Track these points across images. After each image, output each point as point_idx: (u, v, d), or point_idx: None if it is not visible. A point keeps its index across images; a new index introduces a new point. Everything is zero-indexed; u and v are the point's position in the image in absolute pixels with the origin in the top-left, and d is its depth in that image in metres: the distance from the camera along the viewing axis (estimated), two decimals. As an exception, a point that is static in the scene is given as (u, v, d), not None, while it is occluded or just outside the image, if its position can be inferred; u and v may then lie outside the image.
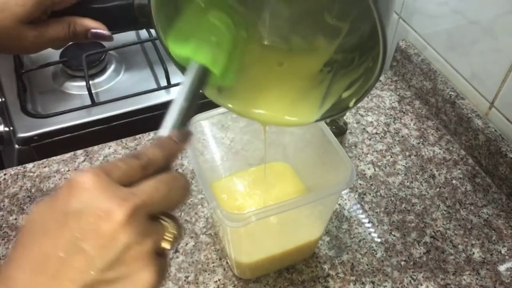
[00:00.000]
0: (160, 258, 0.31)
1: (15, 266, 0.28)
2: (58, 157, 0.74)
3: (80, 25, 0.48)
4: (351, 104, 0.43)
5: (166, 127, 0.37)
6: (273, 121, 0.49)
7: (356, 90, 0.43)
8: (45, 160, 0.73)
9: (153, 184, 0.31)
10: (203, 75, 0.41)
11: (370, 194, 0.69)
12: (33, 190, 0.69)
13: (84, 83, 0.84)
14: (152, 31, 0.92)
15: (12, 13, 0.44)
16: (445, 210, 0.67)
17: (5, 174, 0.72)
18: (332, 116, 0.46)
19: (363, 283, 0.59)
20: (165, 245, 0.31)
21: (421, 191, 0.69)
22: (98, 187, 0.29)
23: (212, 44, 0.43)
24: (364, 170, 0.72)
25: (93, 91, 0.84)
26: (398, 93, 0.85)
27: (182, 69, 0.44)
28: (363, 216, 0.66)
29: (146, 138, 0.76)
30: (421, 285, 0.59)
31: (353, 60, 0.46)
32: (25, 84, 0.87)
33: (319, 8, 0.47)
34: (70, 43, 0.51)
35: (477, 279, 0.60)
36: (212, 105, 0.51)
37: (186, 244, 0.63)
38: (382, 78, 0.88)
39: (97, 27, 0.49)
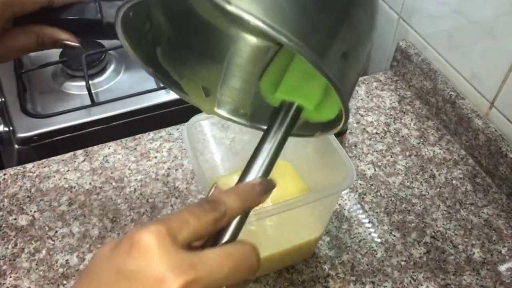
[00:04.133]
0: None
1: None
2: (58, 157, 0.74)
3: (48, 36, 0.46)
4: (316, 135, 0.43)
5: (254, 172, 0.35)
6: None
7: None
8: (45, 160, 0.73)
9: (218, 258, 0.29)
10: (297, 115, 0.40)
11: (370, 194, 0.69)
12: (32, 190, 0.69)
13: (84, 83, 0.84)
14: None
15: None
16: (445, 210, 0.67)
17: (4, 174, 0.71)
18: (302, 136, 0.46)
19: (363, 283, 0.59)
20: None
21: (421, 191, 0.69)
22: (158, 252, 0.28)
23: (307, 81, 0.41)
24: (364, 170, 0.72)
25: (93, 91, 0.84)
26: (398, 93, 0.85)
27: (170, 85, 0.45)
28: (363, 216, 0.66)
29: (146, 138, 0.76)
30: (421, 285, 0.59)
31: None
32: (25, 84, 0.87)
33: None
34: None
35: (477, 279, 0.60)
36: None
37: (186, 244, 0.62)
38: (382, 78, 0.88)
39: (66, 39, 0.47)
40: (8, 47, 0.46)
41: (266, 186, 0.34)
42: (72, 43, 0.47)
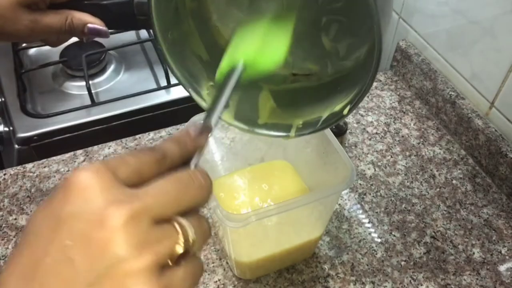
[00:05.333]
0: (170, 271, 0.26)
1: (9, 271, 0.26)
2: (58, 157, 0.74)
3: (77, 18, 0.48)
4: (345, 111, 0.42)
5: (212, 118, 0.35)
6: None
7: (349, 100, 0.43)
8: (45, 160, 0.73)
9: (162, 185, 0.27)
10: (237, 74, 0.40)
11: (370, 194, 0.69)
12: (32, 190, 0.69)
13: (84, 83, 0.84)
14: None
15: None
16: (445, 210, 0.67)
17: (4, 174, 0.71)
18: (327, 127, 0.46)
19: (363, 283, 0.59)
20: (178, 249, 0.26)
21: (421, 191, 0.69)
22: (98, 187, 0.25)
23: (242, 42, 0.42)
24: (364, 170, 0.72)
25: (93, 91, 0.84)
26: (398, 93, 0.85)
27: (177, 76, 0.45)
28: (363, 216, 0.66)
29: (146, 138, 0.76)
30: (421, 285, 0.59)
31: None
32: (25, 84, 0.87)
33: (316, 30, 0.48)
34: (69, 43, 0.51)
35: (477, 279, 0.60)
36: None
37: (186, 244, 0.62)
38: (382, 78, 0.88)
39: (94, 22, 0.48)
40: (38, 21, 0.47)
41: (200, 128, 0.34)
42: (100, 27, 0.49)
